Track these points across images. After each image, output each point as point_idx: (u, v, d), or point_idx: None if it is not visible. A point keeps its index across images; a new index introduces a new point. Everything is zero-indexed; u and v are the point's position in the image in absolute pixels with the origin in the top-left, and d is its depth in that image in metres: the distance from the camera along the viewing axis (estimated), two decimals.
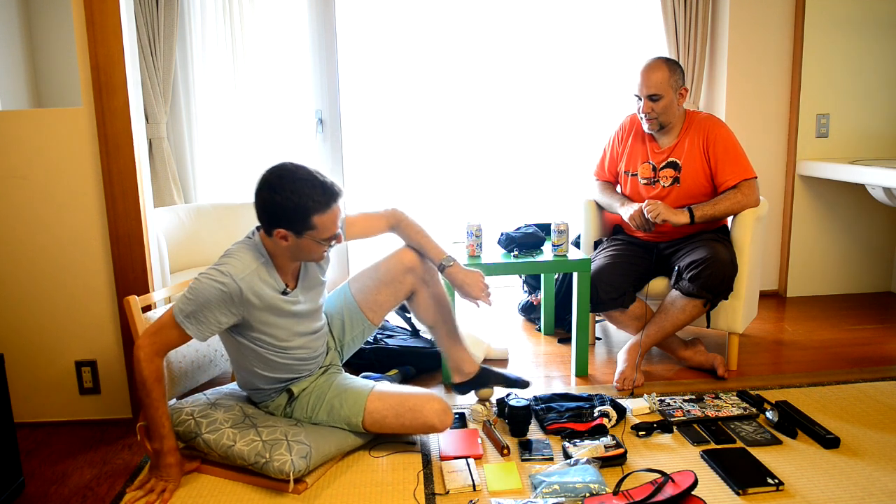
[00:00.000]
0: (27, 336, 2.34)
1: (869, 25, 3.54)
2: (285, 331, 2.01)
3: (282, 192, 1.80)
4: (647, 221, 2.62)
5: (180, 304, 1.86)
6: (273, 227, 1.85)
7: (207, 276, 1.86)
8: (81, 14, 2.17)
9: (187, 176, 3.54)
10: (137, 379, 1.86)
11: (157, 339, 1.87)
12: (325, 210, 1.83)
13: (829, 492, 1.86)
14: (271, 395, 2.12)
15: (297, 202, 1.79)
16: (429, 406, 2.02)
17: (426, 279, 2.28)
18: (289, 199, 1.79)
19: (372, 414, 2.03)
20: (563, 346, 3.09)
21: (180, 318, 1.86)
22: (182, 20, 3.40)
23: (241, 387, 2.16)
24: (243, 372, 2.07)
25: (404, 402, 2.03)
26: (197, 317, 1.86)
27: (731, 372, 2.73)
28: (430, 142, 3.84)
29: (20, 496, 1.97)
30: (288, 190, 1.79)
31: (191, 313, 1.85)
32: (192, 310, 1.85)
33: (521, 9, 3.73)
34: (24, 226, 2.28)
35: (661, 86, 2.56)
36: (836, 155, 3.66)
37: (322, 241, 1.88)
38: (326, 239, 1.88)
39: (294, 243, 1.87)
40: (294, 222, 1.82)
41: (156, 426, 1.88)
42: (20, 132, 2.23)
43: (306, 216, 1.81)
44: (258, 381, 2.07)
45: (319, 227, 1.84)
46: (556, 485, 1.84)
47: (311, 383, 2.13)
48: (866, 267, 3.83)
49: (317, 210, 1.82)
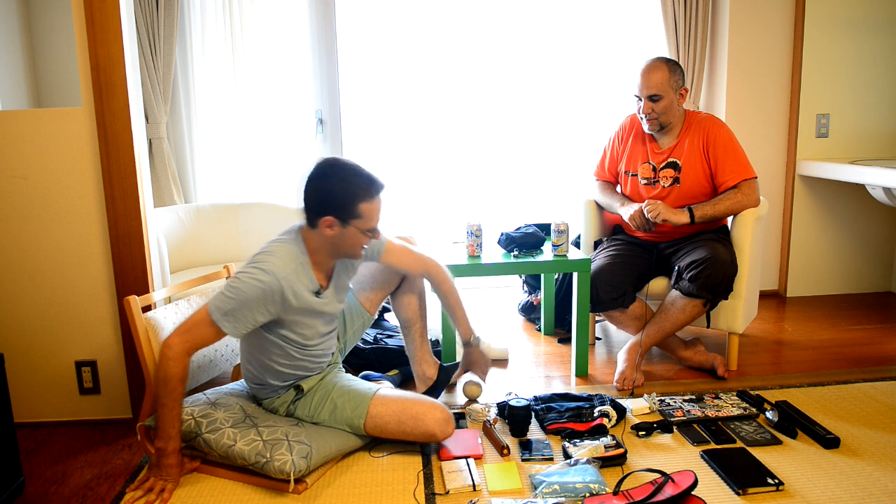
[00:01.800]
0: (27, 336, 2.34)
1: (869, 25, 3.54)
2: (312, 330, 2.04)
3: (333, 178, 1.88)
4: (647, 221, 2.62)
5: (218, 302, 1.86)
6: (320, 216, 1.90)
7: (248, 274, 1.87)
8: (81, 14, 2.17)
9: (187, 176, 3.54)
10: (160, 376, 1.84)
11: (188, 338, 1.86)
12: (371, 199, 1.90)
13: (829, 492, 1.86)
14: (278, 392, 2.12)
15: (346, 188, 1.87)
16: (431, 415, 2.02)
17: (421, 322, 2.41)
18: (339, 185, 1.87)
19: (374, 418, 2.04)
20: (563, 346, 3.09)
21: (217, 315, 1.86)
22: (182, 20, 3.40)
23: (249, 381, 2.15)
24: (257, 366, 2.07)
25: (407, 409, 2.03)
26: (235, 315, 1.86)
27: (731, 372, 2.73)
28: (430, 142, 3.84)
29: (20, 496, 1.97)
30: (338, 177, 1.88)
31: (229, 311, 1.86)
32: (231, 308, 1.85)
33: (521, 9, 3.73)
34: (24, 226, 2.28)
35: (662, 86, 2.56)
36: (836, 155, 3.66)
37: (365, 232, 1.93)
38: (369, 230, 1.94)
39: (338, 233, 1.92)
40: (341, 208, 1.88)
41: (166, 426, 1.88)
42: (20, 132, 2.23)
43: (353, 203, 1.88)
44: (270, 377, 2.08)
45: (364, 216, 1.90)
46: (556, 485, 1.84)
47: (318, 381, 2.14)
48: (866, 267, 3.83)
49: (364, 198, 1.89)
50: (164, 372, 1.84)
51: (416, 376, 2.47)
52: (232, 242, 3.25)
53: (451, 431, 2.05)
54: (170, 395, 1.85)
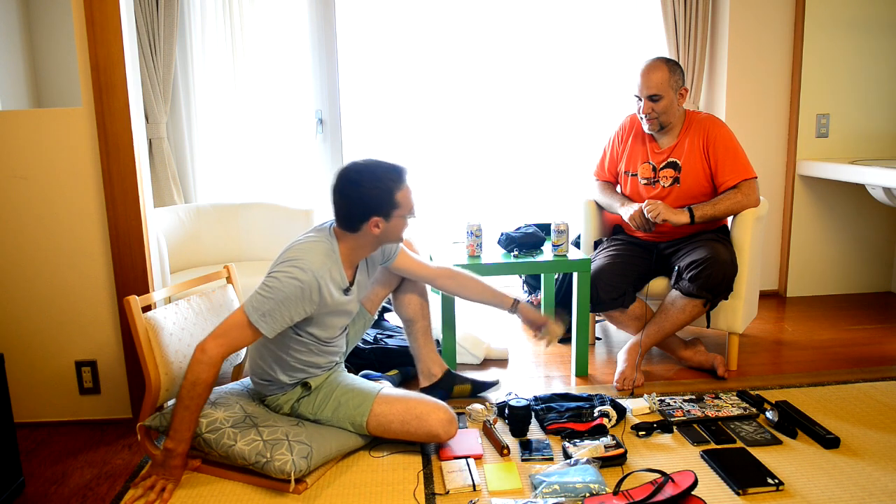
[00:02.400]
0: (27, 336, 2.34)
1: (869, 25, 3.54)
2: (334, 328, 2.08)
3: (363, 183, 1.93)
4: (647, 221, 2.62)
5: (255, 303, 1.87)
6: (365, 220, 1.95)
7: (285, 273, 1.88)
8: (81, 14, 2.17)
9: (187, 176, 3.54)
10: (190, 379, 1.83)
11: (224, 341, 1.86)
12: (402, 185, 1.97)
13: (829, 492, 1.86)
14: (284, 389, 2.12)
15: (379, 187, 1.93)
16: (435, 415, 2.02)
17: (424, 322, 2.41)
18: (372, 187, 1.93)
19: (377, 417, 2.04)
20: (563, 346, 3.09)
21: (255, 317, 1.86)
22: (182, 20, 3.40)
23: (255, 377, 2.15)
24: (270, 361, 2.07)
25: (411, 409, 2.03)
26: (273, 314, 1.87)
27: (731, 372, 2.73)
28: (430, 142, 3.83)
29: (20, 496, 1.97)
30: (367, 180, 1.93)
31: (268, 311, 1.86)
32: (269, 308, 1.86)
33: (521, 9, 3.73)
34: (24, 226, 2.28)
35: (661, 86, 2.56)
36: (836, 155, 3.66)
37: (407, 217, 2.01)
38: (410, 213, 2.01)
39: (384, 228, 1.98)
40: (382, 206, 1.94)
41: (182, 429, 1.87)
42: (20, 132, 2.23)
43: (391, 197, 1.95)
44: (282, 372, 2.08)
45: (402, 203, 1.97)
46: (556, 485, 1.84)
47: (325, 379, 2.15)
48: (866, 267, 3.83)
49: (397, 188, 1.96)
50: (196, 376, 1.83)
51: (419, 373, 2.47)
52: (232, 242, 3.25)
53: (455, 432, 2.05)
54: (195, 400, 1.85)
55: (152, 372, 2.04)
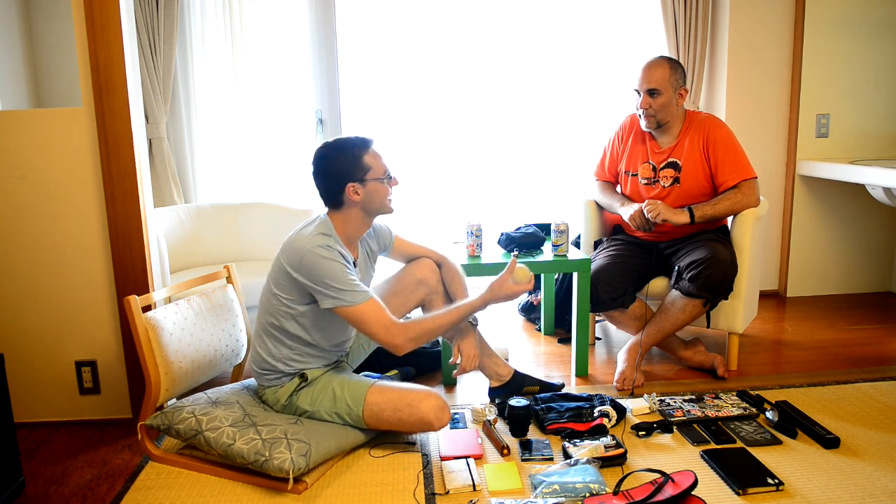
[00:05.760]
0: (27, 336, 2.34)
1: (869, 26, 3.54)
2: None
3: (330, 155, 2.07)
4: (647, 221, 2.62)
5: (335, 294, 1.97)
6: (342, 188, 2.05)
7: (320, 257, 1.97)
8: (81, 14, 2.17)
9: (187, 176, 3.54)
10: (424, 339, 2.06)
11: (381, 319, 2.00)
12: (367, 149, 2.08)
13: (829, 492, 1.86)
14: (282, 380, 2.13)
15: (347, 153, 2.06)
16: (426, 402, 2.03)
17: (440, 289, 2.37)
18: (339, 156, 2.06)
19: (371, 406, 2.05)
20: (563, 346, 3.09)
21: (351, 298, 1.98)
22: (182, 20, 3.40)
23: (256, 366, 2.16)
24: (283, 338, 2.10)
25: (403, 397, 2.05)
26: (351, 283, 1.99)
27: (731, 372, 2.73)
28: (431, 142, 3.83)
29: (20, 496, 1.97)
30: (333, 152, 2.07)
31: (348, 286, 1.98)
32: (345, 286, 1.97)
33: (521, 9, 3.73)
34: (24, 226, 2.28)
35: (661, 82, 2.56)
36: (836, 155, 3.66)
37: (383, 180, 2.08)
38: (385, 176, 2.09)
39: (364, 193, 2.06)
40: (352, 170, 2.05)
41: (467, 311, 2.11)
42: (20, 132, 2.23)
43: (358, 160, 2.05)
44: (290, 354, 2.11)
45: (373, 166, 2.07)
46: (556, 485, 1.84)
47: (322, 373, 2.16)
48: (866, 267, 3.83)
49: (362, 151, 2.06)
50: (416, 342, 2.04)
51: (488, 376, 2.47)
52: (232, 242, 3.25)
53: (447, 420, 2.06)
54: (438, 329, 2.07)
55: (152, 372, 2.04)
